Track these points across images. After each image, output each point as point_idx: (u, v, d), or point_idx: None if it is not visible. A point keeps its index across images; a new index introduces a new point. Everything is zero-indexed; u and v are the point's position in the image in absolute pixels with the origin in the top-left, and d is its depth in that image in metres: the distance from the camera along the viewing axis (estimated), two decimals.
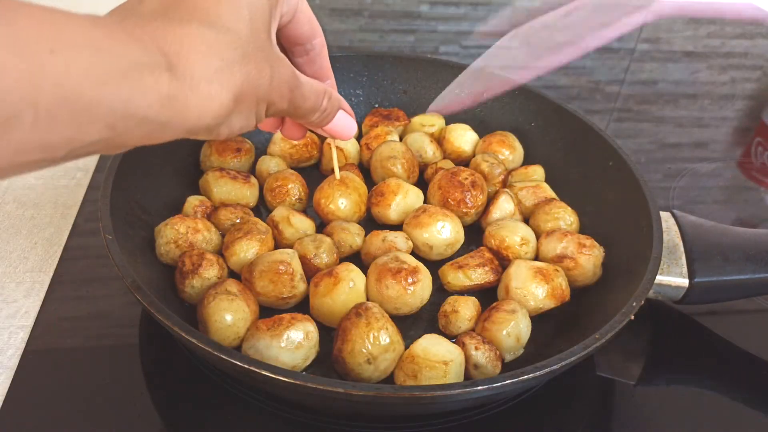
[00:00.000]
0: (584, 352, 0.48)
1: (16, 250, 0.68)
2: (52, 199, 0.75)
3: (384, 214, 0.69)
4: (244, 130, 0.38)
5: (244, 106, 0.35)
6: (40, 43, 0.25)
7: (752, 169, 0.96)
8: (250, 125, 0.38)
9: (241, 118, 0.36)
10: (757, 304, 0.70)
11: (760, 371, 0.63)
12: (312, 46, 0.49)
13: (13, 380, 0.54)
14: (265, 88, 0.37)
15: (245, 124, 0.37)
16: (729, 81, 1.20)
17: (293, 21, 0.45)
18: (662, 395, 0.59)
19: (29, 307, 0.61)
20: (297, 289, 0.59)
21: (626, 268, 0.61)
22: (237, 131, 0.37)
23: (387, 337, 0.52)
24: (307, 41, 0.48)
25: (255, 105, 0.37)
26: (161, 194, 0.67)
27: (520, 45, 0.51)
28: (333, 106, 0.47)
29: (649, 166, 0.93)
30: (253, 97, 0.36)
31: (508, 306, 0.58)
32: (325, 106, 0.46)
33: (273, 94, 0.38)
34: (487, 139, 0.80)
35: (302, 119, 0.46)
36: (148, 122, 0.30)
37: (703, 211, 0.84)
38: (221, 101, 0.33)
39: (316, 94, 0.44)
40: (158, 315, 0.47)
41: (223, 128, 0.35)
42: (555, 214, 0.69)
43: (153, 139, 0.32)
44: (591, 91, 1.12)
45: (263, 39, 0.38)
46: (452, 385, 0.45)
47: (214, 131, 0.35)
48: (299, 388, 0.44)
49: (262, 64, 0.36)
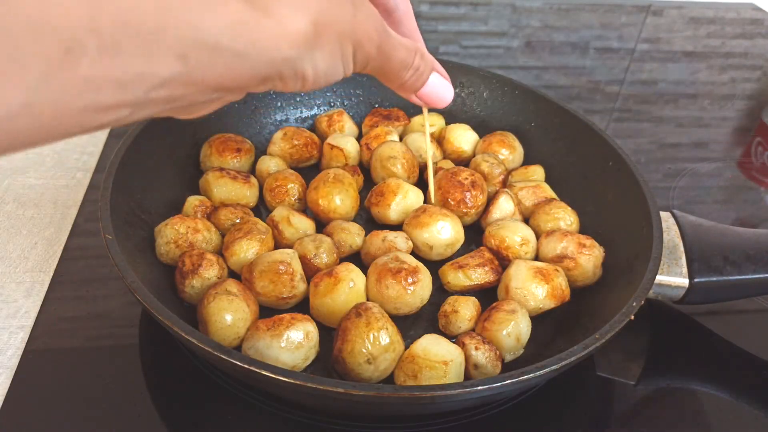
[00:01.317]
0: (584, 352, 0.48)
1: (16, 250, 0.68)
2: (52, 199, 0.75)
3: (384, 214, 0.69)
4: (330, 76, 0.34)
5: (327, 40, 0.32)
6: None
7: (752, 169, 0.96)
8: (337, 70, 0.34)
9: (326, 58, 0.32)
10: (757, 304, 0.70)
11: (760, 371, 0.63)
12: (396, 4, 0.45)
13: (13, 380, 0.54)
14: (349, 23, 0.33)
15: (332, 65, 0.33)
16: (729, 81, 1.20)
17: None
18: (662, 395, 0.59)
19: (29, 307, 0.61)
20: (297, 289, 0.59)
21: (626, 268, 0.61)
22: (323, 76, 0.33)
23: (387, 337, 0.52)
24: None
25: (339, 42, 0.33)
26: (161, 194, 0.67)
27: None
28: (426, 65, 0.43)
29: (649, 166, 0.93)
30: (334, 30, 0.32)
31: (508, 306, 0.58)
32: (418, 64, 0.42)
33: (359, 32, 0.34)
34: (487, 139, 0.80)
35: (394, 78, 0.41)
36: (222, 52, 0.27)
37: (703, 211, 0.84)
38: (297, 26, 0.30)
39: (406, 47, 0.40)
40: (158, 315, 0.47)
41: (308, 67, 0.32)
42: (555, 214, 0.69)
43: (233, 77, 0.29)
44: (591, 91, 1.12)
45: None
46: (452, 385, 0.45)
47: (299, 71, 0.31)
48: (299, 388, 0.44)
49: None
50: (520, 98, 0.84)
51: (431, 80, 0.45)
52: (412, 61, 0.41)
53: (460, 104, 0.87)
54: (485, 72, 0.86)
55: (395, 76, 0.41)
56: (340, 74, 0.35)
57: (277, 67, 0.30)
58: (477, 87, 0.86)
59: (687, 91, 1.15)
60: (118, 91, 0.25)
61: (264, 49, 0.29)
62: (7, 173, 0.78)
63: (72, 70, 0.23)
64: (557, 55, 1.23)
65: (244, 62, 0.28)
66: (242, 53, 0.28)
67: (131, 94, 0.26)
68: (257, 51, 0.28)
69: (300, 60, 0.31)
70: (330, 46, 0.32)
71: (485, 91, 0.86)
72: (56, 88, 0.23)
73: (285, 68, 0.30)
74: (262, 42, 0.28)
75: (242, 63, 0.28)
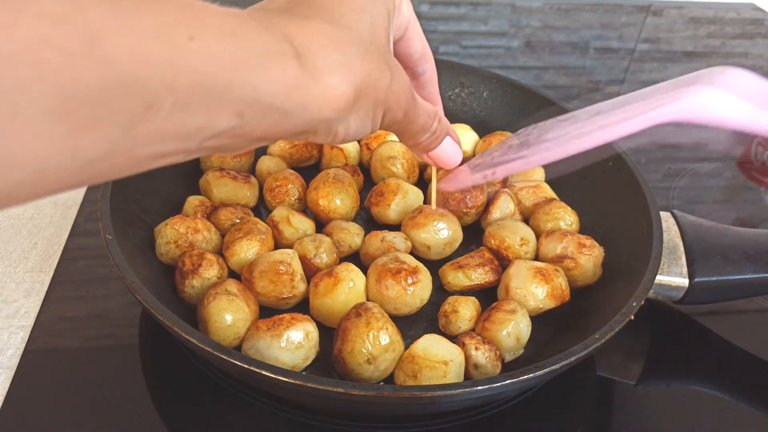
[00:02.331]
0: (584, 352, 0.48)
1: (16, 250, 0.68)
2: (52, 199, 0.75)
3: (383, 214, 0.69)
4: (359, 135, 0.37)
5: (363, 105, 0.35)
6: (181, 30, 0.26)
7: (752, 169, 0.96)
8: (365, 130, 0.38)
9: (359, 120, 0.36)
10: (757, 304, 0.70)
11: (760, 371, 0.63)
12: (423, 69, 0.49)
13: (13, 380, 0.54)
14: (384, 91, 0.36)
15: (361, 126, 0.37)
16: None
17: (405, 38, 0.45)
18: (662, 395, 0.59)
19: (29, 307, 0.61)
20: (297, 289, 0.59)
21: (626, 268, 0.61)
22: (353, 135, 0.37)
23: (387, 337, 0.52)
24: (418, 64, 0.48)
25: (373, 107, 0.36)
26: (161, 194, 0.67)
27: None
28: (442, 130, 0.47)
29: (649, 166, 0.93)
30: (371, 97, 0.36)
31: (508, 306, 0.58)
32: (435, 128, 0.45)
33: (391, 100, 0.38)
34: (487, 139, 0.80)
35: (412, 138, 0.45)
36: (273, 111, 0.30)
37: (703, 211, 0.84)
38: (342, 93, 0.33)
39: (427, 113, 0.44)
40: (158, 315, 0.47)
41: (341, 127, 0.35)
42: (555, 214, 0.69)
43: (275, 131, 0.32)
44: (591, 91, 1.12)
45: (383, 43, 0.38)
46: (452, 385, 0.45)
47: (333, 129, 0.35)
48: (299, 388, 0.44)
49: (382, 65, 0.36)
50: (520, 98, 0.84)
51: (443, 144, 0.48)
52: (431, 125, 0.45)
53: (460, 104, 0.87)
54: (485, 72, 0.86)
55: (414, 137, 0.45)
56: (367, 133, 0.38)
57: (315, 126, 0.34)
58: (477, 87, 0.86)
59: None
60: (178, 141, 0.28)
61: (308, 110, 0.32)
62: None
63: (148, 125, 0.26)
64: (557, 55, 1.23)
65: (289, 120, 0.32)
66: (289, 113, 0.31)
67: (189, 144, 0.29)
68: (302, 112, 0.32)
69: (337, 121, 0.34)
70: (364, 111, 0.36)
71: (485, 91, 0.86)
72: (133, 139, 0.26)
73: (321, 126, 0.34)
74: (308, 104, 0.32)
75: (287, 121, 0.31)
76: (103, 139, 0.24)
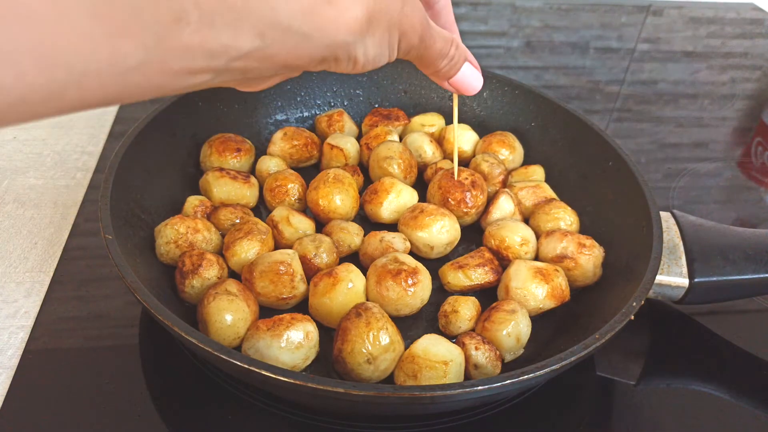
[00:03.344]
0: (584, 352, 0.48)
1: (16, 250, 0.68)
2: (52, 199, 0.75)
3: (376, 212, 0.69)
4: (377, 61, 0.38)
5: (377, 29, 0.36)
6: None
7: (752, 169, 0.96)
8: (383, 55, 0.39)
9: (376, 44, 0.37)
10: (757, 304, 0.70)
11: (760, 371, 0.63)
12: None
13: (13, 380, 0.54)
14: (397, 14, 0.37)
15: (379, 52, 0.38)
16: (729, 81, 1.20)
17: None
18: (662, 395, 0.59)
19: (29, 307, 0.61)
20: (297, 289, 0.59)
21: (626, 268, 0.61)
22: (372, 61, 0.38)
23: (387, 337, 0.52)
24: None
25: (388, 31, 0.37)
26: (161, 194, 0.67)
27: None
28: (460, 55, 0.48)
29: (649, 166, 0.93)
30: (385, 20, 0.37)
31: (508, 306, 0.58)
32: (453, 54, 0.46)
33: (405, 23, 0.38)
34: (487, 139, 0.80)
35: (431, 65, 0.46)
36: (293, 33, 0.32)
37: (703, 211, 0.84)
38: (355, 16, 0.34)
39: (444, 38, 0.44)
40: (158, 315, 0.47)
41: (360, 52, 0.36)
42: (555, 214, 0.69)
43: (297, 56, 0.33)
44: (591, 91, 1.12)
45: None
46: (452, 385, 0.45)
47: (352, 55, 0.36)
48: (299, 388, 0.44)
49: None
50: (520, 98, 0.84)
51: (463, 69, 0.49)
52: (448, 50, 0.45)
53: (460, 104, 0.87)
54: (485, 72, 0.86)
55: (432, 63, 0.45)
56: (385, 59, 0.39)
57: (334, 50, 0.35)
58: None
59: (687, 91, 1.15)
60: (207, 58, 0.30)
61: (326, 33, 0.33)
62: (7, 173, 0.78)
63: (177, 38, 0.28)
64: (557, 55, 1.23)
65: (309, 44, 0.33)
66: (308, 35, 0.33)
67: (217, 62, 0.30)
68: (320, 34, 0.33)
69: (354, 45, 0.35)
70: (380, 34, 0.37)
71: (485, 91, 0.86)
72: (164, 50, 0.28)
73: (340, 51, 0.35)
74: (325, 27, 0.33)
75: (307, 44, 0.33)
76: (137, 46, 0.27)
